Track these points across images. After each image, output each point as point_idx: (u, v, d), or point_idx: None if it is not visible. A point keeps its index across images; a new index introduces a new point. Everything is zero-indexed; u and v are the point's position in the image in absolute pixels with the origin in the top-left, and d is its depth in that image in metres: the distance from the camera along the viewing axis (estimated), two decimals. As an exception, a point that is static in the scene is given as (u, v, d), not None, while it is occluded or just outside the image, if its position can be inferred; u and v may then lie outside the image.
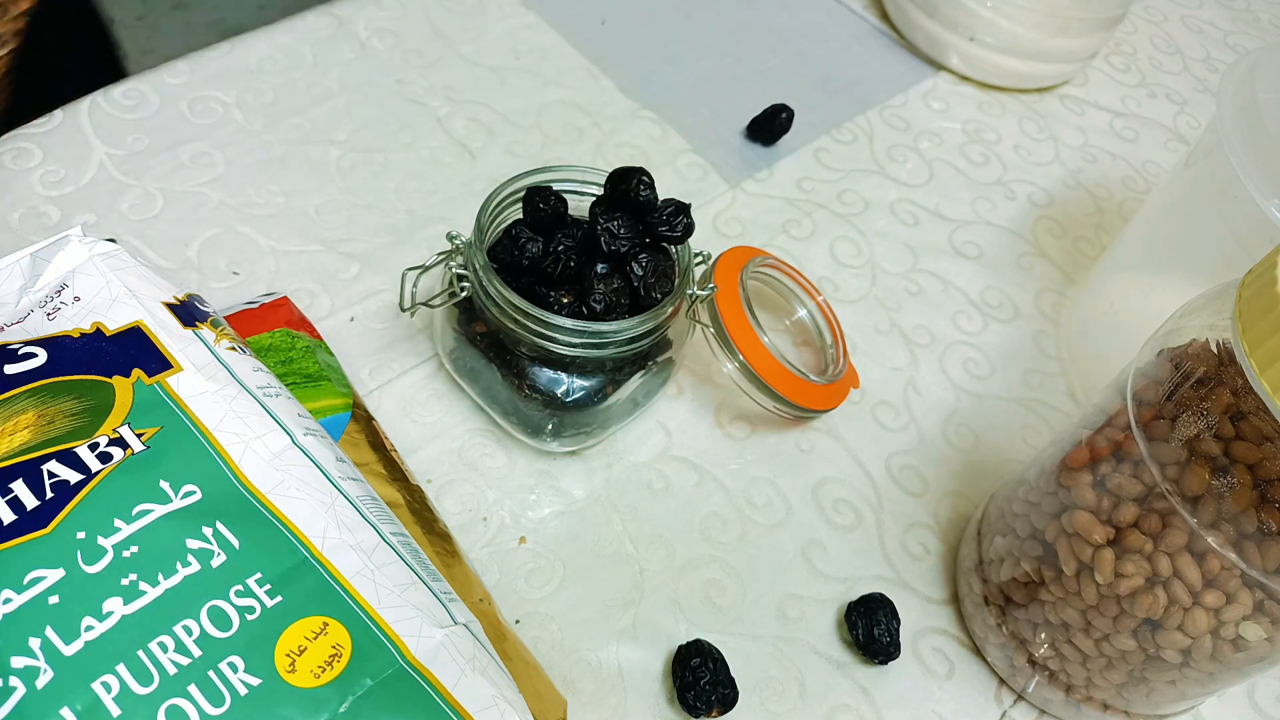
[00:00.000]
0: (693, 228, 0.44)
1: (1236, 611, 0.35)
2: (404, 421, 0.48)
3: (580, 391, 0.44)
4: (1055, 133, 0.71)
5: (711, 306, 0.47)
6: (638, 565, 0.45)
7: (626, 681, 0.42)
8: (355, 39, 0.63)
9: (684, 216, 0.44)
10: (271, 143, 0.57)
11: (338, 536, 0.34)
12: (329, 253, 0.53)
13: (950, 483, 0.51)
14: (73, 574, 0.30)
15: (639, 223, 0.44)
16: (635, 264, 0.43)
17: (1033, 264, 0.62)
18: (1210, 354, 0.35)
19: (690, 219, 0.44)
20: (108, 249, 0.38)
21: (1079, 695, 0.42)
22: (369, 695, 0.31)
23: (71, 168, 0.53)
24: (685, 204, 0.44)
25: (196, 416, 0.35)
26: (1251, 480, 0.33)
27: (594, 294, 0.43)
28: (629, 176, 0.44)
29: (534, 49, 0.65)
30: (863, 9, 0.76)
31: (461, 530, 0.45)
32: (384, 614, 0.32)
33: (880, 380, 0.54)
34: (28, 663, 0.29)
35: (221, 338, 0.38)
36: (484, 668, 0.33)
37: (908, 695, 0.44)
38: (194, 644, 0.30)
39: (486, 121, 0.61)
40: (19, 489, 0.32)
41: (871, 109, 0.68)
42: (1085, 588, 0.38)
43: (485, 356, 0.45)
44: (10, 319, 0.37)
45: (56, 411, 0.33)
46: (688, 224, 0.44)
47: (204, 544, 0.32)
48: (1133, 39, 0.80)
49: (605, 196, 0.45)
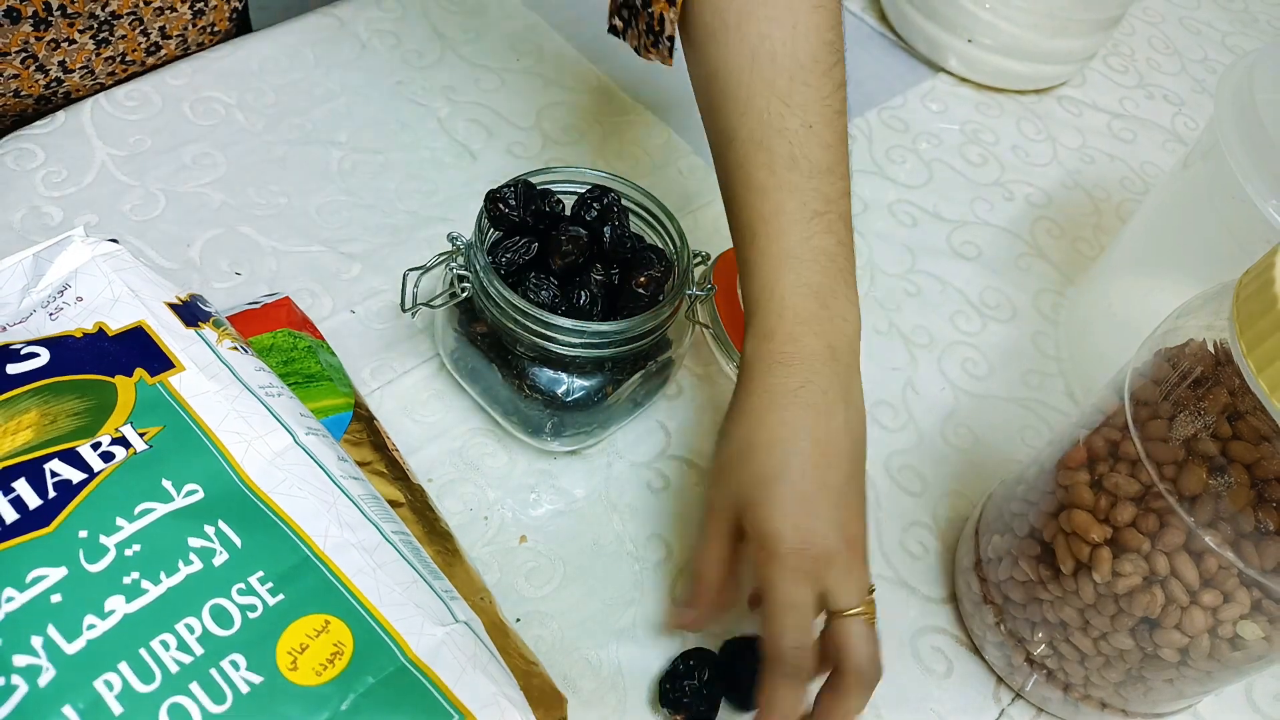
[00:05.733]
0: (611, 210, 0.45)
1: (1234, 610, 0.35)
2: (405, 421, 0.48)
3: (580, 391, 0.45)
4: (1053, 134, 0.71)
5: (711, 306, 0.47)
6: (638, 564, 0.45)
7: (626, 680, 0.42)
8: (356, 40, 0.63)
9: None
10: (273, 143, 0.57)
11: (339, 535, 0.34)
12: (330, 253, 0.53)
13: (949, 482, 0.51)
14: (75, 572, 0.30)
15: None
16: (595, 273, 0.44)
17: (1031, 264, 0.62)
18: (1208, 354, 0.35)
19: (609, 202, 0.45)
20: (110, 249, 0.38)
21: (1077, 694, 0.42)
22: (370, 693, 0.31)
23: (74, 168, 0.53)
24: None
25: (199, 416, 0.35)
26: (1249, 479, 0.33)
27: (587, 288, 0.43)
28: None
29: (535, 50, 0.66)
30: (861, 11, 0.76)
31: (462, 529, 0.45)
32: (385, 612, 0.33)
33: (879, 380, 0.54)
34: (30, 661, 0.29)
35: (224, 337, 0.38)
36: (485, 665, 0.33)
37: (906, 694, 0.44)
38: (196, 642, 0.30)
39: (487, 122, 0.61)
40: (21, 488, 0.32)
41: (870, 110, 0.68)
42: (1083, 587, 0.38)
43: (486, 356, 0.45)
44: (13, 319, 0.37)
45: (59, 411, 0.34)
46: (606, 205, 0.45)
47: (206, 542, 0.32)
48: (1131, 40, 0.80)
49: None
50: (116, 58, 0.55)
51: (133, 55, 0.55)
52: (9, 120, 0.55)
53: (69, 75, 0.54)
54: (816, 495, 0.37)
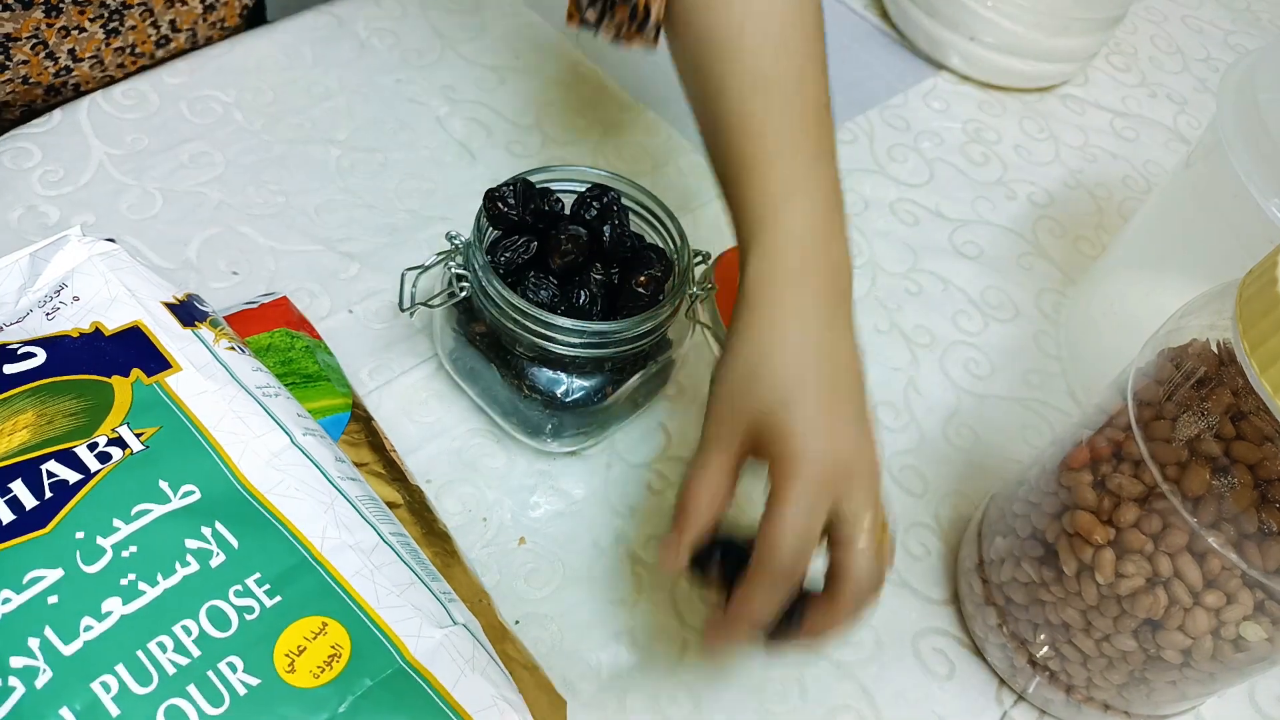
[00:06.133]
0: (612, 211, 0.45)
1: (1237, 612, 0.35)
2: (403, 421, 0.47)
3: (580, 391, 0.44)
4: (1055, 132, 0.70)
5: (711, 307, 0.47)
6: (637, 566, 0.45)
7: (626, 682, 0.42)
8: (355, 38, 0.63)
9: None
10: (271, 142, 0.57)
11: (337, 536, 0.34)
12: (329, 253, 0.53)
13: (951, 483, 0.51)
14: (72, 574, 0.30)
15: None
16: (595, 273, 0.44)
17: (1033, 264, 0.62)
18: (1211, 354, 0.35)
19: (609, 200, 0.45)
20: (107, 249, 0.38)
21: (1079, 695, 0.42)
22: (368, 695, 0.31)
23: (71, 167, 0.53)
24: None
25: (196, 416, 0.35)
26: (1252, 480, 0.33)
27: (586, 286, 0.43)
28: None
29: (534, 49, 0.65)
30: (863, 9, 0.76)
31: (461, 530, 0.44)
32: (383, 614, 0.32)
33: (880, 380, 0.54)
34: (27, 662, 0.29)
35: (221, 337, 0.38)
36: (483, 668, 0.33)
37: (908, 695, 0.44)
38: (193, 644, 0.30)
39: (486, 121, 0.61)
40: (18, 489, 0.32)
41: (872, 109, 0.68)
42: (1086, 588, 0.38)
43: (485, 357, 0.45)
44: (9, 319, 0.37)
45: (56, 411, 0.33)
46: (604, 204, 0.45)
47: (203, 544, 0.32)
48: (1133, 39, 0.80)
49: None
50: (126, 49, 0.55)
51: (142, 47, 0.55)
52: (17, 110, 0.55)
53: (78, 65, 0.54)
54: (839, 408, 0.37)
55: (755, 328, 0.38)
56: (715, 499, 0.37)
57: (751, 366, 0.37)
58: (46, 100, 0.55)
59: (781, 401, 0.36)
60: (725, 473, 0.37)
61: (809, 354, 0.37)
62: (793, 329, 0.37)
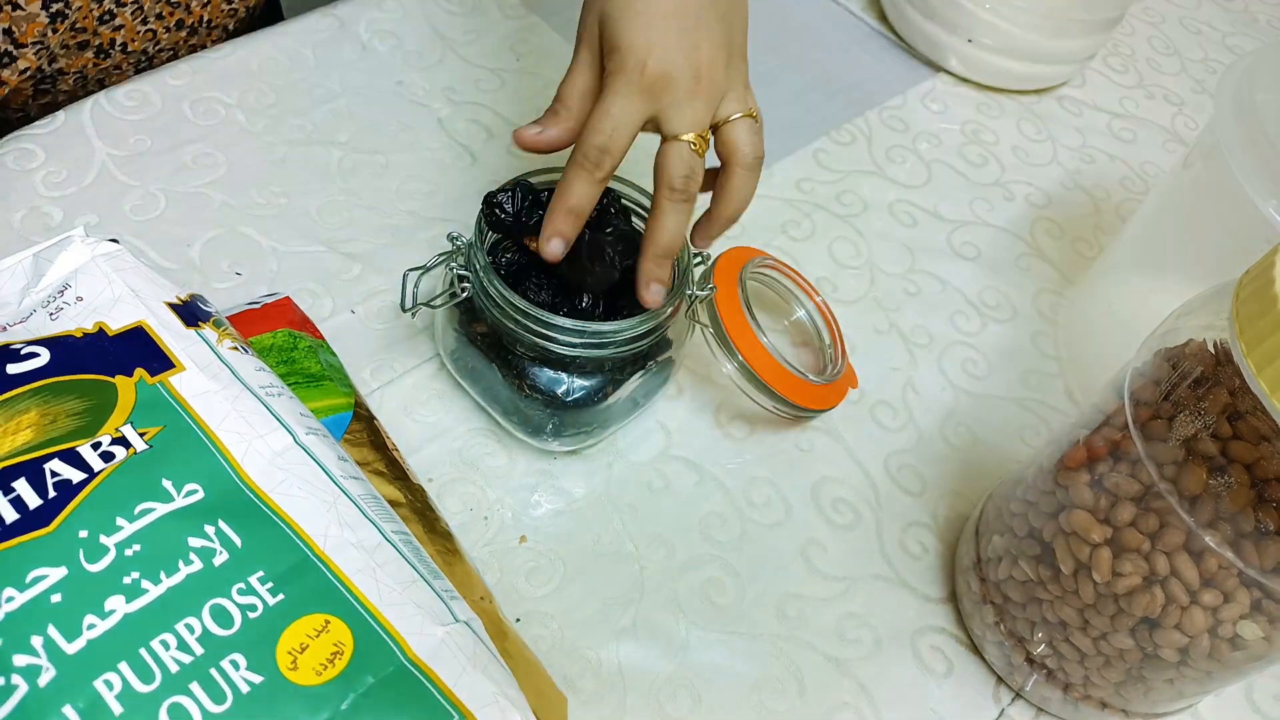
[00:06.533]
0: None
1: (1234, 610, 0.35)
2: (405, 421, 0.48)
3: (580, 391, 0.45)
4: (1053, 134, 0.71)
5: (711, 307, 0.47)
6: (638, 564, 0.45)
7: (627, 680, 0.42)
8: (357, 41, 0.63)
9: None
10: (273, 144, 0.57)
11: (339, 535, 0.34)
12: (331, 253, 0.53)
13: (948, 482, 0.51)
14: (75, 572, 0.30)
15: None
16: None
17: (1031, 264, 0.62)
18: (1208, 354, 0.35)
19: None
20: (110, 249, 0.38)
21: (1077, 694, 0.42)
22: (370, 693, 0.31)
23: (74, 168, 0.53)
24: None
25: (199, 416, 0.35)
26: (1249, 479, 0.33)
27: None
28: None
29: (535, 50, 0.66)
30: (861, 11, 0.76)
31: (462, 529, 0.45)
32: (385, 612, 0.33)
33: (879, 380, 0.54)
34: (30, 661, 0.29)
35: (224, 337, 0.38)
36: (485, 665, 0.33)
37: (906, 693, 0.44)
38: (196, 642, 0.30)
39: (487, 123, 0.61)
40: (21, 488, 0.32)
41: (870, 110, 0.69)
42: (1083, 586, 0.38)
43: (486, 357, 0.45)
44: (13, 319, 0.37)
45: (59, 411, 0.34)
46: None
47: (206, 542, 0.32)
48: (1131, 40, 0.80)
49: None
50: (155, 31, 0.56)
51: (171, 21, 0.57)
52: (96, 82, 0.56)
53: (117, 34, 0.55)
54: (668, 18, 0.39)
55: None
56: (585, 94, 0.42)
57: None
58: (117, 80, 0.56)
59: (621, 4, 0.40)
60: (590, 66, 0.42)
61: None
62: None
